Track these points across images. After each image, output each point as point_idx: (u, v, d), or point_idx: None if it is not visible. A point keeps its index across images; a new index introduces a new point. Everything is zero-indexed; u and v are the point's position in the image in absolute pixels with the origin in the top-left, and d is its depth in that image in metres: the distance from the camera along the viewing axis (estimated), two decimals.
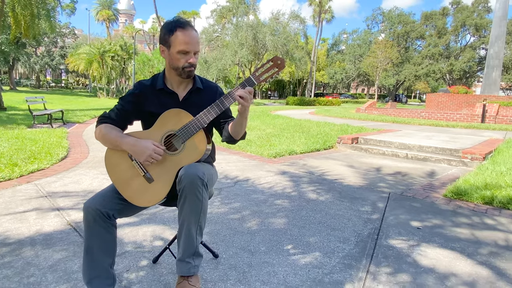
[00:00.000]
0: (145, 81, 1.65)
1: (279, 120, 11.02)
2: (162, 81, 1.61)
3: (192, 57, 1.52)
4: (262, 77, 1.53)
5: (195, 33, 1.52)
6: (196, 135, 1.52)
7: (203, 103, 1.55)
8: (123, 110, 1.61)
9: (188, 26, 1.50)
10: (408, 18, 45.42)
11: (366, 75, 47.29)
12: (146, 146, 1.47)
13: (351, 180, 4.00)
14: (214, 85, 1.72)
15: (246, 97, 1.45)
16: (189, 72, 1.55)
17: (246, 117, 1.55)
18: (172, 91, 1.62)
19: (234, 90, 1.51)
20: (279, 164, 4.78)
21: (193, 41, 1.50)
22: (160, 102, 1.61)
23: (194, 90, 1.64)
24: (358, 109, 16.56)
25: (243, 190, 3.45)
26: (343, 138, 6.42)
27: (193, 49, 1.51)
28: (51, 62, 47.57)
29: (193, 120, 1.52)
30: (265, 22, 30.50)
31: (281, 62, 1.54)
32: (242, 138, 1.68)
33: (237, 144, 6.00)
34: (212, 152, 1.78)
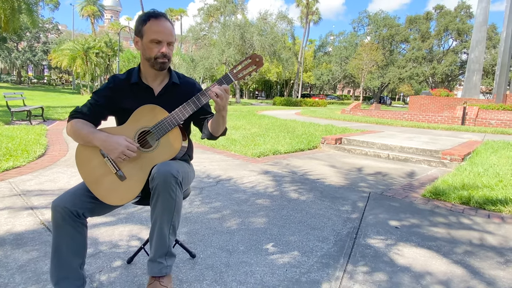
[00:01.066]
0: (120, 75, 1.61)
1: (265, 120, 11.03)
2: (137, 75, 1.57)
3: (165, 47, 1.48)
4: (240, 74, 1.51)
5: (169, 24, 1.49)
6: (171, 132, 1.49)
7: (180, 99, 1.51)
8: (97, 105, 1.56)
9: (161, 17, 1.47)
10: (393, 21, 46.24)
11: (352, 77, 47.91)
12: (119, 142, 1.43)
13: (333, 180, 4.02)
14: (192, 81, 1.69)
15: (221, 95, 1.43)
16: (161, 64, 1.51)
17: (223, 115, 1.52)
18: (147, 85, 1.58)
19: (211, 86, 1.49)
20: (262, 163, 4.77)
21: (166, 31, 1.47)
22: (134, 97, 1.57)
23: (170, 85, 1.61)
24: (343, 110, 16.74)
25: (224, 190, 3.42)
26: (327, 138, 6.47)
27: (166, 38, 1.47)
28: (33, 57, 46.34)
29: (168, 116, 1.48)
30: (253, 22, 30.52)
31: (260, 60, 1.52)
32: (223, 135, 1.66)
33: (221, 143, 5.96)
34: (189, 150, 1.75)
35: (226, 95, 1.45)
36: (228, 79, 1.48)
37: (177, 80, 1.63)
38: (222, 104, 1.46)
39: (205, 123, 1.65)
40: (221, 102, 1.45)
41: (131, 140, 1.46)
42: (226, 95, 1.45)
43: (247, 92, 56.28)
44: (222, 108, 1.48)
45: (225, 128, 1.63)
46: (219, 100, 1.44)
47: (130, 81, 1.58)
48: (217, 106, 1.47)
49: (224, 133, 1.65)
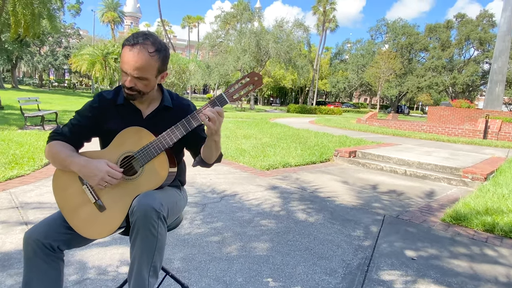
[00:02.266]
0: (106, 94, 1.46)
1: (277, 128, 10.84)
2: (124, 96, 1.42)
3: (128, 80, 1.30)
4: (236, 95, 1.34)
5: (142, 56, 1.26)
6: (157, 158, 1.33)
7: (171, 123, 1.34)
8: (79, 125, 1.42)
9: (135, 46, 1.26)
10: (412, 29, 45.44)
11: (368, 85, 47.20)
12: (98, 167, 1.28)
13: (345, 199, 3.79)
14: (186, 103, 1.52)
15: (213, 118, 1.26)
16: (127, 95, 1.35)
17: (215, 140, 1.35)
18: (135, 107, 1.43)
19: (202, 108, 1.32)
20: (271, 177, 4.58)
21: (130, 63, 1.27)
22: (121, 119, 1.42)
23: (161, 108, 1.45)
24: (359, 119, 16.37)
25: (228, 207, 3.24)
26: (340, 151, 6.22)
27: (128, 70, 1.28)
28: (54, 61, 47.68)
29: (154, 140, 1.33)
30: (269, 29, 30.52)
31: (258, 79, 1.35)
32: (217, 161, 1.48)
33: (230, 154, 5.80)
34: (180, 175, 1.59)
35: (219, 118, 1.28)
36: (222, 100, 1.32)
37: (169, 103, 1.47)
38: (214, 128, 1.28)
39: (198, 149, 1.48)
40: (213, 126, 1.28)
41: (114, 165, 1.31)
42: (219, 118, 1.28)
43: (262, 99, 56.26)
44: (214, 133, 1.30)
45: (219, 154, 1.45)
46: (211, 124, 1.27)
47: (116, 102, 1.43)
48: (208, 130, 1.30)
49: (218, 159, 1.47)
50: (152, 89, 1.39)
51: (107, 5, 54.72)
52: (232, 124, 11.57)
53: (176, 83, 19.43)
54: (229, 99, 1.32)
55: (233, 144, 6.99)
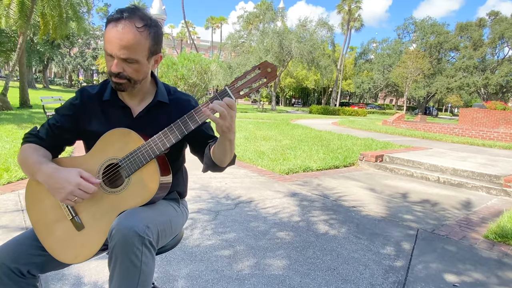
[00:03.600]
0: (90, 88, 1.23)
1: (298, 130, 10.49)
2: (111, 90, 1.19)
3: (115, 64, 1.06)
4: (243, 89, 1.07)
5: (129, 32, 1.03)
6: (146, 167, 1.08)
7: (167, 123, 1.09)
8: (57, 126, 1.20)
9: (120, 21, 1.03)
10: (441, 28, 43.60)
11: (395, 86, 45.74)
12: (68, 178, 1.04)
13: (372, 209, 3.44)
14: (186, 98, 1.27)
15: (223, 113, 1.00)
16: (115, 84, 1.11)
17: (230, 139, 1.08)
18: (124, 104, 1.19)
19: (203, 105, 1.06)
20: (290, 182, 4.28)
21: (115, 41, 1.02)
22: (106, 118, 1.19)
23: (154, 104, 1.20)
24: (385, 121, 15.72)
25: (243, 215, 2.98)
26: (366, 154, 5.83)
27: (114, 51, 1.03)
28: (83, 62, 49.35)
29: (143, 145, 1.08)
30: (292, 29, 30.11)
31: (272, 70, 1.07)
32: (231, 164, 1.22)
33: (248, 157, 5.55)
34: (179, 185, 1.34)
35: (231, 112, 1.01)
36: (225, 96, 1.05)
37: (165, 98, 1.22)
38: (226, 125, 1.02)
39: (206, 151, 1.22)
40: (223, 122, 1.01)
41: (90, 175, 1.07)
42: (230, 112, 1.01)
43: (284, 99, 55.78)
44: (227, 130, 1.04)
45: (233, 155, 1.19)
46: (221, 120, 1.01)
47: (102, 98, 1.20)
48: (218, 127, 1.04)
49: (232, 161, 1.21)
50: (144, 77, 1.14)
51: None
52: (252, 125, 11.32)
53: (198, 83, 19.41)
54: (235, 95, 1.06)
55: (251, 146, 6.73)
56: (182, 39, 60.37)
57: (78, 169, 1.07)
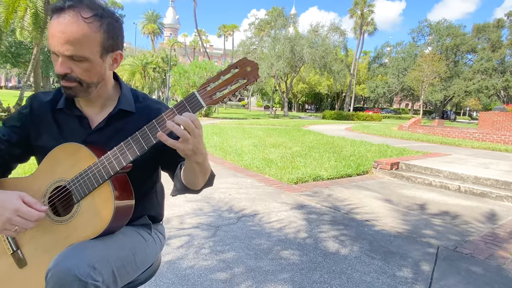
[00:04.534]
0: (43, 95, 1.05)
1: (309, 136, 10.21)
2: (67, 98, 1.00)
3: (59, 64, 0.87)
4: (217, 93, 0.86)
5: (74, 23, 0.84)
6: (98, 191, 0.89)
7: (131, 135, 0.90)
8: (2, 140, 1.02)
9: (64, 12, 0.84)
10: (458, 30, 42.60)
11: (410, 90, 44.84)
12: (4, 203, 0.84)
13: (387, 223, 3.16)
14: (156, 106, 1.06)
15: (182, 134, 0.80)
16: (64, 89, 0.92)
17: (199, 162, 0.88)
18: (81, 113, 1.00)
19: (166, 114, 0.86)
20: (299, 193, 4.04)
21: (57, 34, 0.84)
22: (59, 131, 1.00)
23: (116, 114, 1.01)
24: (401, 126, 15.24)
25: (245, 231, 2.76)
26: (380, 162, 5.52)
27: (57, 47, 0.85)
28: None
29: (95, 164, 0.88)
30: (304, 34, 29.95)
31: (253, 69, 0.86)
32: (208, 185, 1.01)
33: (256, 165, 5.33)
34: (152, 209, 1.13)
35: (194, 131, 0.81)
36: (194, 102, 0.85)
37: (130, 105, 1.03)
38: (189, 148, 0.82)
39: (177, 172, 1.02)
40: (185, 146, 0.81)
41: (34, 200, 0.88)
42: (193, 130, 0.81)
43: (296, 105, 55.47)
44: (192, 153, 0.84)
45: (209, 176, 0.98)
46: (181, 144, 0.81)
47: (56, 106, 1.01)
48: (180, 151, 0.83)
49: (209, 183, 1.00)
50: (100, 79, 0.95)
51: (147, 17, 57.19)
52: (262, 132, 11.12)
53: None
54: (205, 101, 0.85)
55: (260, 153, 6.52)
56: (194, 47, 61.10)
57: (20, 193, 0.88)
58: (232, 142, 8.13)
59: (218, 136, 9.34)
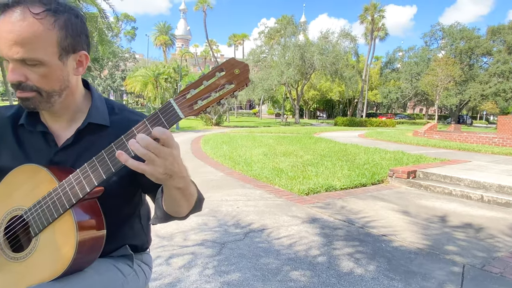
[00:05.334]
0: (5, 110, 0.91)
1: (321, 144, 9.98)
2: (29, 112, 0.86)
3: (12, 71, 0.73)
4: (198, 102, 0.70)
5: (23, 21, 0.70)
6: (58, 223, 0.74)
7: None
8: None
9: (11, 9, 0.70)
10: (471, 33, 41.73)
11: (424, 94, 43.99)
12: None
13: (406, 238, 2.93)
14: (135, 119, 0.90)
15: (147, 156, 0.64)
16: (21, 101, 0.78)
17: (177, 187, 0.72)
18: (45, 129, 0.86)
19: (137, 127, 0.71)
20: (310, 205, 3.84)
21: (4, 35, 0.70)
22: (21, 149, 0.86)
23: (85, 128, 0.86)
24: (416, 131, 14.83)
25: (252, 248, 2.58)
26: (396, 170, 5.26)
27: (5, 51, 0.71)
28: (112, 84, 51.38)
29: (55, 190, 0.74)
30: (314, 41, 29.85)
31: (242, 72, 0.70)
32: (195, 211, 0.85)
33: (265, 175, 5.15)
34: (135, 235, 0.98)
35: (162, 151, 0.65)
36: (170, 114, 0.69)
37: (102, 118, 0.87)
38: (158, 171, 0.66)
39: (157, 196, 0.87)
40: (150, 169, 0.65)
41: None
42: (160, 149, 0.65)
43: (307, 112, 55.14)
44: (166, 176, 0.68)
45: (196, 200, 0.82)
46: (148, 167, 0.65)
47: (18, 121, 0.87)
48: (149, 176, 0.68)
49: (196, 207, 0.84)
50: (63, 86, 0.80)
51: (159, 29, 58.23)
52: (272, 140, 10.94)
53: None
54: (184, 111, 0.69)
55: (270, 163, 6.34)
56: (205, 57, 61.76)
57: None
58: (241, 151, 7.98)
59: (227, 145, 9.21)
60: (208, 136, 12.37)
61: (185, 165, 0.71)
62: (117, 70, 51.88)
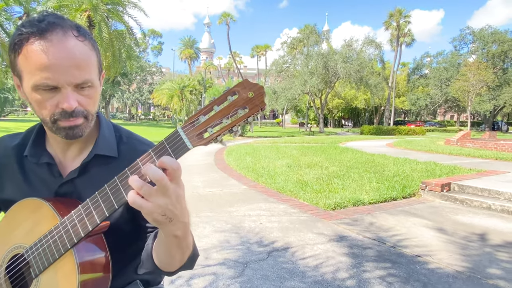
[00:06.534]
0: (10, 139, 0.87)
1: (347, 154, 9.70)
2: (34, 141, 0.81)
3: (70, 96, 0.68)
4: (208, 130, 0.62)
5: (74, 41, 0.67)
6: (59, 263, 0.68)
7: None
8: None
9: (50, 33, 0.65)
10: (504, 36, 39.82)
11: (455, 101, 42.27)
12: None
13: (443, 259, 2.70)
14: (142, 149, 0.80)
15: (147, 193, 0.57)
16: (68, 131, 0.72)
17: (175, 234, 0.63)
18: (49, 160, 0.80)
19: (142, 159, 0.64)
20: (337, 221, 3.67)
21: (60, 62, 0.65)
22: (26, 181, 0.81)
23: (92, 160, 0.80)
24: (448, 140, 14.17)
25: (276, 269, 2.46)
26: (429, 183, 4.98)
27: (63, 78, 0.66)
28: (140, 97, 53.12)
29: (56, 227, 0.68)
30: (337, 49, 29.56)
31: (256, 95, 0.62)
32: (186, 268, 0.74)
33: (289, 188, 5.02)
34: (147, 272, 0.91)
35: (166, 188, 0.56)
36: (177, 144, 0.62)
37: (110, 148, 0.81)
38: (157, 211, 0.58)
39: (148, 242, 0.78)
40: (149, 207, 0.57)
41: None
42: (165, 185, 0.56)
43: (332, 121, 54.34)
44: (165, 219, 0.59)
45: (189, 255, 0.72)
46: (146, 204, 0.57)
47: (23, 152, 0.82)
48: (147, 217, 0.59)
49: (188, 265, 0.73)
50: (96, 109, 0.77)
51: (184, 43, 59.88)
52: (296, 151, 10.77)
53: None
54: (193, 141, 0.62)
55: (294, 175, 6.20)
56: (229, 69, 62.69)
57: None
58: (265, 162, 7.89)
59: (251, 156, 9.15)
60: (231, 147, 12.38)
61: (188, 210, 0.63)
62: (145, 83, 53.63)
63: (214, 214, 3.84)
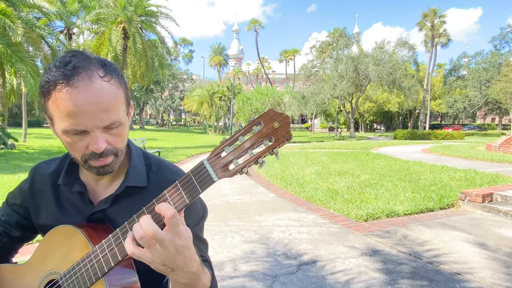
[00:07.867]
0: (46, 166, 0.89)
1: (380, 161, 9.39)
2: (67, 170, 0.84)
3: (99, 139, 0.69)
4: (234, 162, 0.62)
5: (99, 85, 0.67)
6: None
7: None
8: (3, 221, 0.90)
9: (75, 78, 0.66)
10: None
11: (496, 103, 39.89)
12: None
13: (486, 278, 2.52)
14: (171, 178, 0.78)
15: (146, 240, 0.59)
16: (99, 169, 0.74)
17: (182, 282, 0.65)
18: (81, 189, 0.82)
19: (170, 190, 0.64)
20: (369, 233, 3.54)
21: (87, 108, 0.66)
22: (59, 208, 0.84)
23: (123, 192, 0.80)
24: (489, 145, 13.35)
25: (306, 284, 2.41)
26: (469, 193, 4.70)
27: (91, 122, 0.68)
28: (172, 104, 54.71)
29: (88, 255, 0.70)
30: (368, 52, 28.88)
31: (282, 125, 0.61)
32: None
33: (318, 197, 4.93)
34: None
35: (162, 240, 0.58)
36: (203, 177, 0.62)
37: (141, 179, 0.82)
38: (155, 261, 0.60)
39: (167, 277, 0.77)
40: (146, 256, 0.59)
41: None
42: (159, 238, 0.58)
43: (363, 125, 52.98)
44: (166, 269, 0.61)
45: None
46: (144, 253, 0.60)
47: (57, 180, 0.85)
48: (149, 264, 0.61)
49: None
50: (125, 143, 0.79)
51: (214, 50, 61.14)
52: (325, 157, 10.58)
53: None
54: (218, 173, 0.61)
55: (324, 183, 6.08)
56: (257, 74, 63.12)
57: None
58: (293, 169, 7.81)
59: (279, 163, 9.11)
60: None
61: (196, 258, 0.63)
62: (176, 91, 55.21)
63: (243, 223, 3.84)
